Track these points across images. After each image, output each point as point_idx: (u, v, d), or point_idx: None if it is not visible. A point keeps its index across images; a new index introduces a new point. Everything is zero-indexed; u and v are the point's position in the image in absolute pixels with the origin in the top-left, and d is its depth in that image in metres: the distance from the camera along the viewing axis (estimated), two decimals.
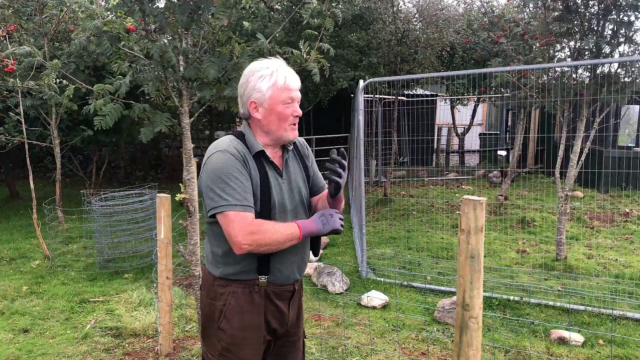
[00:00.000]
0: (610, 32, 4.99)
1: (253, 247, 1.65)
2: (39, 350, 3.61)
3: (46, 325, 4.07)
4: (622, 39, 4.93)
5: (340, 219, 1.79)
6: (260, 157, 1.78)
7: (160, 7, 2.49)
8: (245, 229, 1.64)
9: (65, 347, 3.65)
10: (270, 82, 1.75)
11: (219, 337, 1.81)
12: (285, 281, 1.84)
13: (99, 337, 3.81)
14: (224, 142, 1.76)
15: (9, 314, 4.28)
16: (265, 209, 1.74)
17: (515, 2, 7.70)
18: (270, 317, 1.84)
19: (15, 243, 6.68)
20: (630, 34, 4.84)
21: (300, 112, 1.81)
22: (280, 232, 1.68)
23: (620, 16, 4.83)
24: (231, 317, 1.78)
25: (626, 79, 5.09)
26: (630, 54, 5.05)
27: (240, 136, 1.81)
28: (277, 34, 3.40)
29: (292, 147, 1.91)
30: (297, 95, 1.80)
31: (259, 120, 1.78)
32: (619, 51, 5.11)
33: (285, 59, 2.68)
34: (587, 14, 5.03)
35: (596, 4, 4.92)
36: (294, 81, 1.79)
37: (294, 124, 1.82)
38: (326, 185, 1.94)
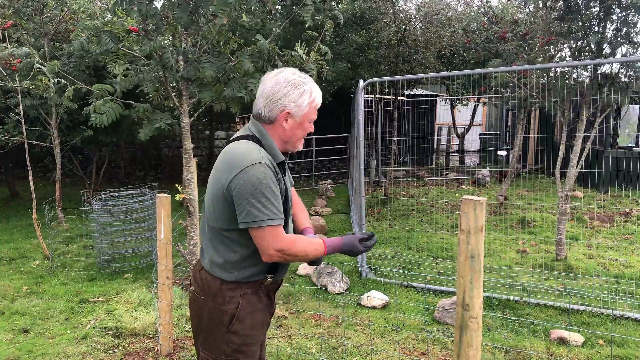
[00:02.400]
0: (611, 32, 4.99)
1: (281, 259, 1.75)
2: (39, 350, 3.61)
3: (46, 325, 4.07)
4: (623, 39, 4.93)
5: (364, 244, 1.88)
6: (281, 165, 1.84)
7: (157, 7, 2.49)
8: (279, 244, 1.71)
9: (65, 347, 3.65)
10: (310, 99, 1.82)
11: (228, 341, 1.82)
12: (282, 277, 1.97)
13: (99, 337, 3.81)
14: (256, 153, 1.74)
15: (9, 314, 4.28)
16: (286, 215, 1.84)
17: (515, 2, 7.70)
18: (268, 312, 1.95)
19: (15, 243, 6.68)
20: (632, 34, 4.84)
21: (313, 128, 1.92)
22: (307, 252, 1.78)
23: (622, 16, 4.82)
24: (244, 318, 1.82)
25: (626, 79, 5.09)
26: (631, 54, 5.05)
27: (258, 142, 1.81)
28: (276, 33, 3.41)
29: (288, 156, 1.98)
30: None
31: (283, 129, 1.83)
32: (620, 51, 5.11)
33: (284, 61, 2.68)
34: (588, 14, 5.03)
35: (597, 4, 4.92)
36: (320, 100, 1.88)
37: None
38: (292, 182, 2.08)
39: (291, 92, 1.79)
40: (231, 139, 1.90)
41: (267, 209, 1.69)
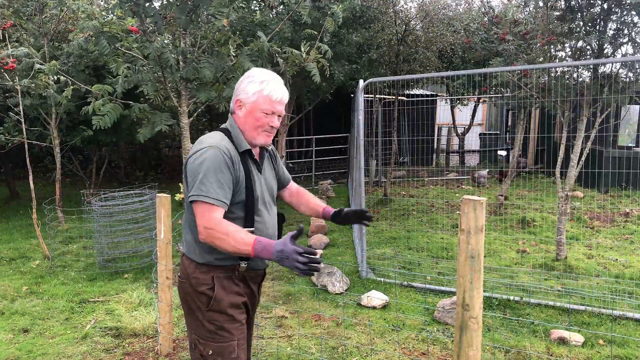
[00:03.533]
0: (612, 32, 4.98)
1: (207, 241, 1.77)
2: (38, 351, 3.60)
3: (46, 325, 4.07)
4: (624, 40, 4.93)
5: (299, 261, 1.62)
6: (245, 154, 1.94)
7: (156, 7, 2.49)
8: (207, 222, 1.76)
9: (65, 347, 3.65)
10: (258, 88, 1.92)
11: (210, 319, 1.91)
12: (260, 267, 2.03)
13: (98, 337, 3.81)
14: (215, 139, 1.89)
15: (8, 314, 4.28)
16: (249, 200, 1.92)
17: (515, 1, 7.69)
18: (247, 299, 2.02)
19: (15, 243, 6.68)
20: (633, 35, 4.84)
21: (276, 124, 1.96)
22: (232, 244, 1.73)
23: (623, 16, 4.82)
24: (221, 299, 1.91)
25: (627, 79, 5.08)
26: (632, 54, 5.04)
27: (227, 133, 1.96)
28: (274, 31, 3.40)
29: (269, 149, 2.12)
30: (279, 109, 1.95)
31: (238, 117, 1.97)
32: (621, 51, 5.11)
33: (284, 58, 2.68)
34: (589, 13, 5.02)
35: (599, 3, 4.92)
36: (279, 95, 1.93)
37: (269, 132, 1.96)
38: (292, 181, 2.32)
39: (243, 82, 1.95)
40: None
41: (205, 187, 1.78)
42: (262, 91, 1.91)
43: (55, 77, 5.75)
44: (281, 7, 7.27)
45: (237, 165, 1.88)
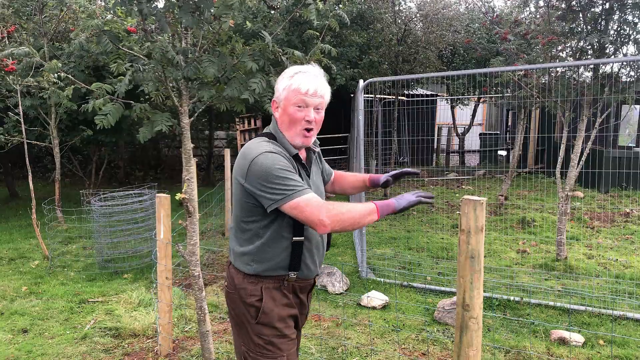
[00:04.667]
0: (613, 31, 4.98)
1: (336, 228, 1.70)
2: (38, 351, 3.60)
3: (45, 325, 4.06)
4: (625, 39, 4.92)
5: (418, 195, 1.82)
6: (294, 159, 1.85)
7: (159, 6, 2.48)
8: (324, 212, 1.68)
9: (65, 348, 3.64)
10: (287, 83, 1.83)
11: (259, 333, 1.86)
12: (310, 276, 1.95)
13: (98, 337, 3.80)
14: (264, 146, 1.78)
15: (8, 314, 4.27)
16: None
17: (515, 1, 7.69)
18: (297, 310, 1.95)
19: (14, 243, 6.67)
20: (635, 34, 4.83)
21: (312, 118, 1.83)
22: (357, 218, 1.72)
23: (625, 16, 4.81)
24: (270, 311, 1.85)
25: (628, 79, 5.08)
26: (633, 54, 5.04)
27: (272, 138, 1.85)
28: (278, 33, 3.39)
29: (317, 151, 2.04)
30: (312, 100, 1.82)
31: (277, 119, 1.88)
32: (622, 51, 5.10)
33: (287, 58, 2.67)
34: (591, 13, 5.02)
35: (600, 3, 4.91)
36: (310, 86, 1.81)
37: (306, 131, 1.85)
38: (331, 170, 2.23)
39: (278, 80, 1.87)
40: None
41: (290, 185, 1.70)
42: (291, 85, 1.82)
43: (56, 75, 5.73)
44: (277, 9, 7.28)
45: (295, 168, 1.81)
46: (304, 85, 1.81)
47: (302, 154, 1.92)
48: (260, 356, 1.86)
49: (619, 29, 4.93)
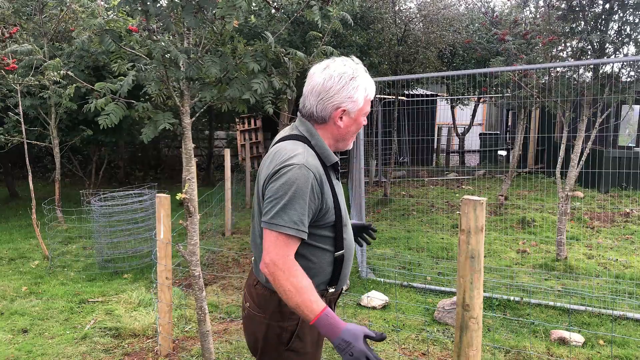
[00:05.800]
0: (614, 32, 4.98)
1: (269, 277, 1.54)
2: (38, 351, 3.60)
3: (45, 325, 4.06)
4: (626, 39, 4.92)
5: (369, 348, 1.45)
6: (333, 167, 1.70)
7: (163, 4, 2.49)
8: (281, 260, 1.52)
9: (65, 348, 3.64)
10: (365, 93, 1.66)
11: (287, 359, 1.71)
12: (343, 285, 1.85)
13: (98, 337, 3.80)
14: (302, 154, 1.58)
15: (8, 314, 4.27)
16: (338, 220, 1.68)
17: (514, 1, 7.69)
18: None
19: (14, 243, 6.67)
20: (636, 35, 4.83)
21: (366, 122, 1.75)
22: (297, 300, 1.49)
23: (626, 16, 4.81)
24: (304, 335, 1.70)
25: (628, 79, 5.08)
26: (634, 54, 5.04)
27: (309, 143, 1.65)
28: (278, 33, 3.39)
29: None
30: None
31: (338, 127, 1.67)
32: (622, 51, 5.10)
33: (289, 59, 2.66)
34: (591, 13, 5.02)
35: (601, 3, 4.91)
36: (374, 92, 1.72)
37: None
38: None
39: (345, 86, 1.62)
40: (279, 138, 1.75)
41: (288, 216, 1.52)
42: (368, 95, 1.67)
43: (56, 73, 5.73)
44: (280, 11, 7.29)
45: (325, 186, 1.61)
46: (372, 93, 1.69)
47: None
48: None
49: (619, 29, 4.93)
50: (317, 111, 1.66)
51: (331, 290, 1.74)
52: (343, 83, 1.62)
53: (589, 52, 5.17)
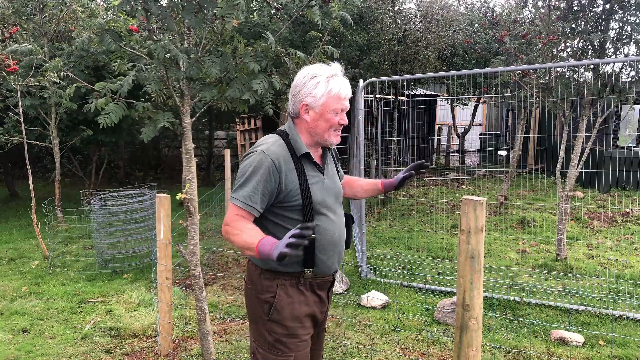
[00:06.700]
0: (614, 32, 4.98)
1: (225, 237, 1.81)
2: (38, 351, 3.60)
3: (45, 325, 4.06)
4: (626, 40, 4.92)
5: (287, 244, 1.55)
6: (304, 158, 1.87)
7: (164, 4, 2.48)
8: (227, 219, 1.79)
9: (65, 348, 3.64)
10: (326, 89, 1.83)
11: (270, 330, 1.87)
12: (327, 272, 1.94)
13: (98, 337, 3.80)
14: (267, 143, 1.84)
15: (8, 314, 4.27)
16: (306, 204, 1.84)
17: (514, 1, 7.69)
18: (315, 308, 1.94)
19: (14, 243, 6.67)
20: (636, 35, 4.83)
21: (346, 121, 1.90)
22: (241, 238, 1.73)
23: (626, 16, 4.81)
24: (282, 309, 1.85)
25: (629, 79, 5.08)
26: (634, 53, 5.04)
27: (285, 136, 1.89)
28: (280, 32, 3.39)
29: (333, 148, 2.05)
30: (347, 105, 1.89)
31: (307, 122, 1.88)
32: (622, 51, 5.10)
33: (289, 59, 2.66)
34: (591, 13, 5.02)
35: (602, 3, 4.91)
36: (346, 91, 1.87)
37: (338, 131, 1.91)
38: (342, 173, 2.19)
39: (306, 83, 1.84)
40: None
41: (241, 190, 1.78)
42: (330, 91, 1.83)
43: (56, 73, 5.73)
44: (281, 10, 7.29)
45: (287, 172, 1.80)
46: (343, 91, 1.85)
47: (317, 153, 1.94)
48: (268, 353, 1.87)
49: (619, 29, 4.93)
50: (291, 107, 1.91)
51: (307, 272, 1.86)
52: (305, 81, 1.85)
53: (589, 52, 5.17)
